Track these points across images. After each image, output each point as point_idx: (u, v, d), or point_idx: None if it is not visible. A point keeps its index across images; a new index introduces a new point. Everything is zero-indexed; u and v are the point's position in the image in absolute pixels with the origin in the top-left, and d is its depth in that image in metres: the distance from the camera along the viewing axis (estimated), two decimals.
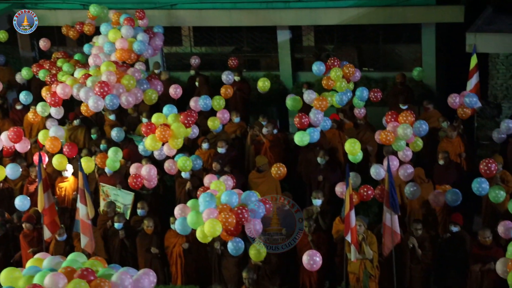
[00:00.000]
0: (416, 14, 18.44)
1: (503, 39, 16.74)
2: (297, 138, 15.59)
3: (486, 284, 12.67)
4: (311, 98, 16.38)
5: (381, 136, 14.96)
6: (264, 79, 18.08)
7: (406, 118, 14.94)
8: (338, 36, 20.01)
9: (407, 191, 13.81)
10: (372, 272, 12.94)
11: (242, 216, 12.40)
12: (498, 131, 15.48)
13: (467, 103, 15.94)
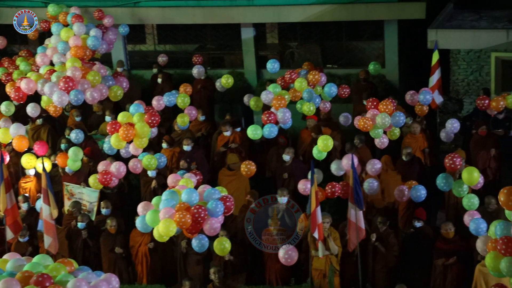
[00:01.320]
0: (378, 11, 18.57)
1: (463, 35, 16.95)
2: (249, 132, 15.65)
3: (450, 277, 12.81)
4: (269, 98, 16.42)
5: (360, 123, 15.29)
6: (227, 76, 18.08)
7: (387, 107, 15.28)
8: (301, 33, 20.07)
9: (366, 186, 13.89)
10: (338, 267, 13.02)
11: (198, 215, 12.35)
12: (445, 131, 15.65)
13: (422, 100, 16.09)
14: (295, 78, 16.88)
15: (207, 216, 12.48)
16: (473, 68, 18.29)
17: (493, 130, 15.92)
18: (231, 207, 12.89)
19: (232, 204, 12.93)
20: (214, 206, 12.54)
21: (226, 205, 12.73)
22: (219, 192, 12.96)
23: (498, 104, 15.61)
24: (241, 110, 19.49)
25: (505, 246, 10.36)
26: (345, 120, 16.53)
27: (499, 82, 18.10)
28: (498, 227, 10.71)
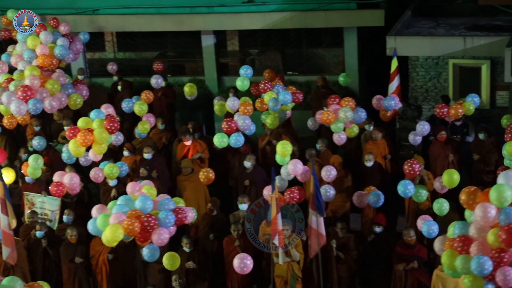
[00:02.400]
0: (337, 18, 18.72)
1: (421, 42, 17.14)
2: (216, 140, 15.65)
3: (410, 283, 12.90)
4: (234, 105, 16.42)
5: (323, 116, 15.58)
6: (190, 85, 18.04)
7: (348, 103, 15.73)
8: (262, 40, 20.13)
9: (322, 193, 13.94)
10: (300, 274, 13.04)
11: (148, 224, 12.26)
12: (415, 133, 15.83)
13: (386, 106, 16.27)
14: (267, 90, 16.88)
15: (156, 226, 12.39)
16: (431, 74, 18.50)
17: (451, 136, 16.13)
18: (183, 219, 12.76)
19: (184, 217, 12.80)
20: (165, 217, 12.45)
21: (178, 217, 12.62)
22: (173, 203, 12.88)
23: (457, 112, 15.81)
24: (202, 118, 19.46)
25: (462, 244, 10.51)
26: (313, 125, 16.61)
27: (457, 89, 18.33)
28: (457, 226, 10.86)
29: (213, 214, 14.24)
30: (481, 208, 10.43)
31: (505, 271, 10.08)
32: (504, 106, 17.74)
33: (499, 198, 10.25)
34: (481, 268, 10.17)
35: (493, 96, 18.14)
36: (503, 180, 10.57)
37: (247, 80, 17.32)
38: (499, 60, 17.46)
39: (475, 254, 10.33)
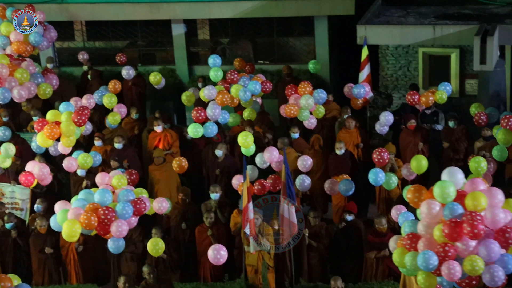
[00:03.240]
0: (308, 7, 18.73)
1: (391, 31, 17.19)
2: (190, 130, 15.60)
3: (381, 270, 12.99)
4: (211, 94, 16.36)
5: (286, 110, 15.74)
6: (155, 73, 17.95)
7: (305, 89, 15.79)
8: (233, 29, 20.08)
9: (297, 183, 13.99)
10: (270, 263, 13.07)
11: (105, 217, 12.20)
12: (379, 123, 15.91)
13: (356, 94, 16.33)
14: (234, 80, 16.84)
15: (114, 218, 12.32)
16: (401, 63, 18.60)
17: (421, 125, 16.24)
18: (142, 210, 12.68)
19: (144, 207, 12.72)
20: (122, 208, 12.36)
21: (136, 207, 12.53)
22: (133, 194, 12.80)
23: (428, 99, 15.91)
24: (173, 107, 19.39)
25: (410, 241, 10.62)
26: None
27: (427, 77, 18.46)
28: (407, 225, 10.99)
29: (184, 203, 14.21)
30: (426, 205, 10.53)
31: (449, 265, 10.18)
32: (473, 94, 17.90)
33: (442, 194, 10.32)
34: (426, 263, 10.27)
35: (462, 85, 18.31)
36: (447, 176, 10.63)
37: (220, 71, 17.25)
38: (468, 48, 17.61)
39: (422, 250, 10.44)
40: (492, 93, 16.59)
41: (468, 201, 10.31)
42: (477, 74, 17.07)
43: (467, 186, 10.65)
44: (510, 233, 10.09)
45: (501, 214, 10.16)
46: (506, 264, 10.11)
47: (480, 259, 10.09)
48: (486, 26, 16.16)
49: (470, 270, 10.06)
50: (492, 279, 10.04)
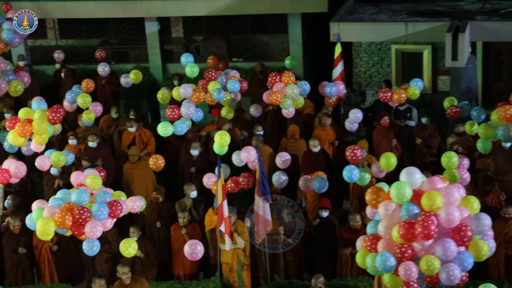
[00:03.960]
0: (281, 5, 18.79)
1: (364, 28, 17.28)
2: (160, 129, 15.58)
3: (356, 266, 12.97)
4: (187, 92, 16.32)
5: (271, 97, 16.00)
6: (136, 72, 17.90)
7: (289, 78, 16.16)
8: (206, 27, 20.07)
9: (274, 180, 14.03)
10: (245, 261, 13.09)
11: (80, 217, 12.13)
12: (349, 120, 15.99)
13: (328, 93, 16.38)
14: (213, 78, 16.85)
15: (89, 219, 12.27)
16: (374, 60, 18.70)
17: (394, 121, 16.35)
18: (117, 213, 12.58)
19: (120, 210, 12.63)
20: (97, 209, 12.27)
21: (112, 209, 12.44)
22: (110, 196, 12.73)
23: (400, 96, 16.01)
24: (147, 105, 19.33)
25: (370, 243, 10.69)
26: (256, 111, 16.67)
27: (400, 74, 18.58)
28: (369, 226, 11.04)
29: (158, 201, 14.18)
30: (382, 206, 10.59)
31: (406, 266, 10.25)
32: (445, 90, 18.04)
33: (398, 195, 10.38)
34: (384, 265, 10.34)
35: (434, 81, 18.45)
36: (404, 176, 10.69)
37: (196, 67, 17.25)
38: (440, 45, 17.74)
39: (381, 251, 10.51)
40: (464, 89, 16.73)
41: (423, 200, 10.34)
42: (449, 71, 17.20)
43: (425, 185, 10.70)
44: (466, 231, 10.11)
45: (456, 213, 10.16)
46: (463, 262, 10.16)
47: (436, 259, 10.13)
48: (458, 23, 16.30)
49: (426, 270, 10.13)
50: (448, 278, 10.11)
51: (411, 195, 10.50)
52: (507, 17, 16.67)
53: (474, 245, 10.32)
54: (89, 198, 12.53)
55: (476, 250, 10.29)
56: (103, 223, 12.38)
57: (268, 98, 16.25)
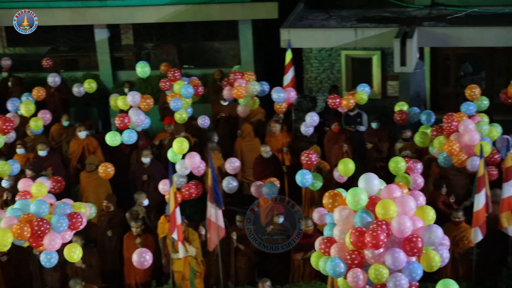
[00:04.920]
0: (232, 11, 18.81)
1: (314, 35, 17.38)
2: (108, 139, 15.47)
3: (308, 271, 13.11)
4: (135, 100, 16.23)
5: (234, 92, 16.35)
6: (90, 81, 17.74)
7: (251, 76, 16.73)
8: (157, 34, 20.00)
9: (225, 185, 14.02)
10: (197, 268, 13.05)
11: (38, 228, 11.93)
12: (305, 124, 16.09)
13: (276, 99, 16.43)
14: (177, 78, 16.91)
15: (48, 230, 12.09)
16: (324, 66, 18.85)
17: (345, 126, 16.48)
18: (78, 225, 12.45)
19: (80, 222, 12.47)
20: (56, 221, 12.10)
21: (72, 221, 12.29)
22: (70, 208, 12.57)
23: (349, 102, 16.13)
24: (97, 113, 19.16)
25: (324, 246, 10.77)
26: (203, 122, 16.66)
27: (350, 79, 18.77)
28: (327, 228, 11.10)
29: (110, 210, 14.06)
30: (337, 211, 10.68)
31: (353, 273, 10.33)
32: (394, 95, 18.27)
33: (353, 201, 10.48)
34: (333, 270, 10.43)
35: (384, 86, 18.67)
36: (363, 182, 10.78)
37: (147, 67, 17.18)
38: (389, 51, 17.97)
39: (333, 255, 10.59)
40: (412, 94, 16.96)
41: (378, 209, 10.40)
42: (398, 76, 17.42)
43: (383, 192, 10.80)
44: (416, 242, 10.16)
45: (408, 223, 10.22)
46: (412, 273, 10.22)
47: (384, 267, 10.20)
48: (405, 29, 16.52)
49: (374, 278, 10.21)
50: (394, 287, 10.23)
51: (367, 202, 10.58)
52: (454, 23, 16.96)
53: (426, 255, 10.40)
54: (48, 209, 12.34)
55: (427, 260, 10.35)
56: (62, 235, 12.21)
57: (230, 92, 16.38)
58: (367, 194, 10.61)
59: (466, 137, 13.80)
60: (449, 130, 14.08)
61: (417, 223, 10.45)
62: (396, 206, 10.38)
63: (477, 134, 13.79)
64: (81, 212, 12.59)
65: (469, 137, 13.75)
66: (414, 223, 10.37)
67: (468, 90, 15.13)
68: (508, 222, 12.46)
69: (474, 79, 17.85)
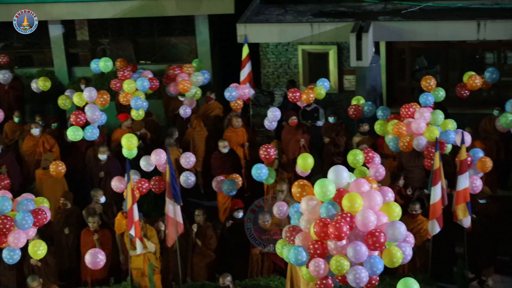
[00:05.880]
0: (187, 6, 18.72)
1: (271, 29, 17.38)
2: (70, 133, 15.33)
3: (266, 266, 13.15)
4: (92, 96, 16.08)
5: (180, 86, 16.65)
6: (44, 79, 17.52)
7: (188, 68, 17.16)
8: (113, 29, 19.83)
9: (182, 181, 14.00)
10: (156, 264, 13.01)
11: (3, 226, 11.76)
12: (267, 119, 16.12)
13: (228, 97, 16.39)
14: (127, 77, 16.78)
15: (13, 228, 11.94)
16: (282, 61, 18.90)
17: (302, 121, 16.55)
18: (43, 221, 12.32)
19: (45, 218, 12.35)
20: (21, 219, 11.94)
21: (37, 218, 12.12)
22: (33, 204, 12.41)
23: (309, 96, 16.19)
24: (53, 110, 18.95)
25: (289, 234, 10.84)
26: (184, 113, 16.68)
27: (307, 74, 18.84)
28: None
29: (67, 208, 13.92)
30: (304, 201, 10.75)
31: (315, 262, 10.41)
32: (351, 90, 18.40)
33: (321, 192, 10.55)
34: (295, 259, 10.51)
35: (340, 81, 18.79)
36: (332, 174, 10.82)
37: (110, 62, 17.04)
38: (345, 45, 18.09)
39: (297, 244, 10.66)
40: (369, 88, 17.09)
41: (344, 201, 10.49)
42: (354, 70, 17.53)
43: (352, 185, 10.88)
44: (379, 236, 10.25)
45: (372, 218, 10.31)
46: (372, 267, 10.32)
47: (346, 259, 10.30)
48: (361, 23, 16.63)
49: (335, 269, 10.31)
50: (354, 280, 10.28)
51: (334, 194, 10.65)
52: (408, 17, 17.12)
53: (388, 251, 10.50)
54: (11, 205, 12.15)
55: (389, 256, 10.44)
56: (27, 232, 12.05)
57: (176, 88, 16.50)
58: (336, 186, 10.69)
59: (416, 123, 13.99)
60: (405, 117, 14.26)
61: (382, 218, 10.55)
62: (362, 200, 10.48)
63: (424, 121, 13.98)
64: (44, 207, 12.46)
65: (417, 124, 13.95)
66: (378, 218, 10.47)
67: (424, 81, 15.33)
68: (464, 214, 12.64)
69: (429, 73, 18.03)
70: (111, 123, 17.08)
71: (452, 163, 13.77)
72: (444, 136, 13.97)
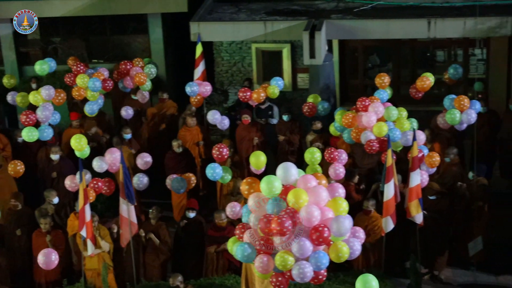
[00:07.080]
0: (140, 5, 18.63)
1: (224, 28, 17.35)
2: (25, 134, 15.10)
3: (221, 264, 13.15)
4: (50, 94, 15.84)
5: (136, 80, 16.79)
6: (8, 76, 17.22)
7: (140, 62, 17.37)
8: (64, 28, 19.62)
9: (135, 181, 13.89)
10: (111, 263, 12.90)
11: None
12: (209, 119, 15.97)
13: (189, 92, 16.38)
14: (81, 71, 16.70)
15: None
16: (235, 59, 18.89)
17: (256, 119, 16.57)
18: None
19: None
20: None
21: None
22: None
23: (259, 96, 16.19)
24: (3, 110, 18.67)
25: (239, 231, 10.85)
26: (126, 114, 16.61)
27: (261, 72, 18.87)
28: (245, 215, 11.13)
29: (17, 209, 13.72)
30: (252, 198, 10.75)
31: (260, 259, 10.40)
32: (305, 88, 18.48)
33: (267, 188, 10.53)
34: (241, 255, 10.50)
35: (294, 79, 18.86)
36: (281, 171, 10.78)
37: (46, 64, 16.82)
38: (298, 43, 18.15)
39: (244, 241, 10.64)
40: (322, 86, 17.17)
41: (289, 197, 10.47)
42: (308, 68, 17.60)
43: (299, 182, 10.89)
44: (322, 231, 10.25)
45: (315, 213, 10.31)
46: (317, 262, 10.32)
47: (290, 255, 10.29)
48: (314, 22, 16.70)
49: (279, 264, 10.33)
50: (298, 275, 10.31)
51: (280, 190, 10.65)
52: (361, 15, 17.25)
53: (334, 246, 10.54)
54: None
55: (336, 251, 10.46)
56: None
57: (131, 82, 16.65)
58: (284, 182, 10.70)
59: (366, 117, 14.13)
60: (360, 110, 14.38)
61: (327, 214, 10.58)
62: (307, 195, 10.50)
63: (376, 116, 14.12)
64: None
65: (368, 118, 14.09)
66: (323, 213, 10.48)
67: (378, 79, 15.45)
68: (417, 210, 12.78)
69: (381, 70, 18.21)
70: (62, 122, 16.87)
71: (405, 159, 13.91)
72: (403, 137, 14.13)
